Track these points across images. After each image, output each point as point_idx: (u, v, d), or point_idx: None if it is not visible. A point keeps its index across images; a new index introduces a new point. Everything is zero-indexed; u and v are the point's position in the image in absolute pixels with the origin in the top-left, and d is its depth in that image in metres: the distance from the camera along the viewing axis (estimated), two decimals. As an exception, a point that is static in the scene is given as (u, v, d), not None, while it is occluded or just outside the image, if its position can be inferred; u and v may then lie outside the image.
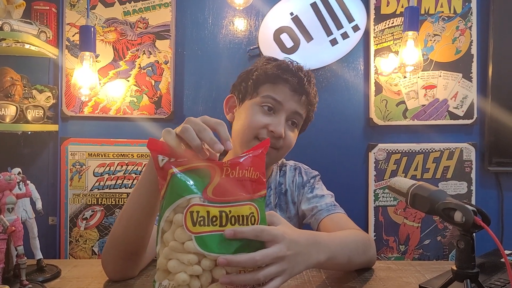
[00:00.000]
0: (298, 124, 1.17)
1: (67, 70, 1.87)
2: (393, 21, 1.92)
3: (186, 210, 0.66)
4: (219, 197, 0.68)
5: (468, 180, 1.92)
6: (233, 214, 0.68)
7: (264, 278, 0.69)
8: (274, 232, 0.71)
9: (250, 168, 0.72)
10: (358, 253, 0.99)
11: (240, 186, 0.70)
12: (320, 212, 1.15)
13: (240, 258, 0.66)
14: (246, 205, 0.70)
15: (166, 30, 1.90)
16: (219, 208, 0.68)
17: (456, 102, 1.92)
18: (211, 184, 0.68)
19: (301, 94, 1.13)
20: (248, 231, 0.68)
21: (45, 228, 1.86)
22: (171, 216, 0.67)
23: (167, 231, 0.68)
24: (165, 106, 1.90)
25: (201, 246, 0.65)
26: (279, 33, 1.88)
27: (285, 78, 1.12)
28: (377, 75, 1.92)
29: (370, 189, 1.93)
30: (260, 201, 0.72)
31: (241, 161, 0.72)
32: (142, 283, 0.95)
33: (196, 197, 0.67)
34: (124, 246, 0.91)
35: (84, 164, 1.86)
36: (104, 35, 1.88)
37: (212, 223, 0.67)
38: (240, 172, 0.70)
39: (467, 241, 0.75)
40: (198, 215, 0.66)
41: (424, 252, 1.93)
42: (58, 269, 1.02)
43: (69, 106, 1.88)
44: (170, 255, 0.67)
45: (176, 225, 0.66)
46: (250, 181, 0.71)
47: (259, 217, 0.71)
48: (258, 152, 0.75)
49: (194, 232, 0.66)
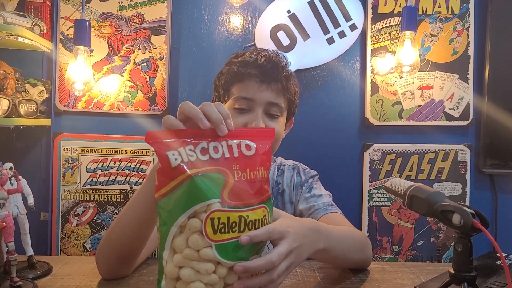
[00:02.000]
0: (280, 113, 1.13)
1: (61, 64, 1.85)
2: (391, 21, 1.91)
3: (207, 217, 0.62)
4: (235, 201, 0.65)
5: (463, 181, 1.92)
6: (250, 219, 0.66)
7: (277, 276, 0.69)
8: (280, 229, 0.71)
9: (260, 168, 0.69)
10: (354, 250, 0.98)
11: (253, 188, 0.67)
12: (317, 211, 1.15)
13: (258, 263, 0.66)
14: (260, 208, 0.68)
15: (162, 25, 1.88)
16: (239, 212, 0.64)
17: (452, 103, 1.92)
18: (226, 187, 0.65)
19: (269, 83, 1.10)
20: (262, 233, 0.67)
21: (36, 224, 1.84)
22: (185, 221, 0.63)
23: (178, 236, 0.64)
24: (159, 103, 1.88)
25: (220, 254, 0.63)
26: (275, 31, 1.87)
27: (249, 73, 1.10)
28: (374, 74, 1.92)
29: (365, 189, 1.93)
30: (269, 201, 0.70)
31: (250, 160, 0.68)
32: (136, 282, 0.95)
33: (216, 202, 0.63)
34: (118, 251, 0.91)
35: (77, 160, 1.84)
36: (99, 30, 1.86)
37: (231, 230, 0.64)
38: (252, 174, 0.68)
39: (465, 244, 0.75)
40: (219, 221, 0.63)
41: (417, 253, 1.93)
42: (49, 266, 1.02)
43: (63, 100, 1.85)
44: (183, 263, 0.63)
45: (191, 231, 0.63)
46: (261, 181, 0.69)
47: (269, 218, 0.70)
48: (265, 149, 0.71)
49: (214, 240, 0.62)
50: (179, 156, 0.64)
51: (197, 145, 0.66)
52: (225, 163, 0.66)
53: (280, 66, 1.12)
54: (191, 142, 0.66)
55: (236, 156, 0.68)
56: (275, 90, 1.11)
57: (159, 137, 0.65)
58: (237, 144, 0.68)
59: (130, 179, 1.86)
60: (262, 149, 0.71)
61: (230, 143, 0.68)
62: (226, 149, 0.67)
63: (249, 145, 0.69)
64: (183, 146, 0.65)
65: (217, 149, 0.67)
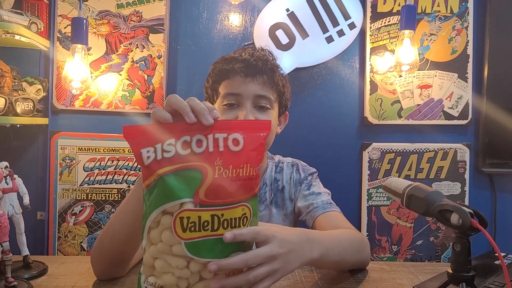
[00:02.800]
0: (270, 106, 1.13)
1: (58, 62, 1.84)
2: (390, 20, 1.90)
3: (176, 216, 0.61)
4: (211, 200, 0.63)
5: (462, 181, 1.91)
6: (225, 218, 0.64)
7: (254, 278, 0.67)
8: (267, 233, 0.69)
9: (245, 165, 0.66)
10: (351, 252, 0.97)
11: (234, 186, 0.64)
12: (316, 210, 1.14)
13: (231, 261, 0.64)
14: (239, 206, 0.65)
15: (160, 24, 1.87)
16: (211, 211, 0.63)
17: (451, 102, 1.91)
18: (203, 185, 0.62)
19: (254, 76, 1.10)
20: (247, 233, 0.66)
21: (33, 223, 1.83)
22: (159, 217, 0.63)
23: (154, 228, 0.64)
24: (157, 101, 1.87)
25: (191, 252, 0.62)
26: (274, 29, 1.86)
27: (233, 68, 1.11)
28: (373, 73, 1.91)
29: (364, 188, 1.92)
30: (253, 200, 0.68)
31: (235, 157, 0.65)
32: (132, 281, 0.94)
33: (188, 201, 0.62)
34: (110, 256, 0.90)
35: (74, 159, 1.83)
36: (96, 28, 1.85)
37: (203, 228, 0.62)
38: (234, 171, 0.65)
39: (464, 243, 0.74)
40: (188, 221, 0.62)
41: (416, 252, 1.92)
42: (45, 265, 1.01)
43: (60, 99, 1.84)
44: (157, 255, 0.64)
45: (164, 226, 0.63)
46: (245, 179, 0.66)
47: (251, 216, 0.68)
48: (257, 143, 0.68)
49: (184, 238, 0.62)
50: (153, 153, 0.62)
51: (179, 138, 0.64)
52: (207, 158, 0.64)
53: (263, 59, 1.13)
54: (173, 135, 0.64)
55: (221, 150, 0.65)
56: (261, 83, 1.11)
57: (136, 133, 0.64)
58: (224, 137, 0.65)
59: (127, 178, 1.85)
60: (252, 144, 0.67)
61: (217, 136, 0.65)
62: (211, 143, 0.64)
63: (237, 140, 0.66)
64: (161, 141, 0.63)
65: (201, 142, 0.64)
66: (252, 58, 1.12)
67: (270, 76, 1.12)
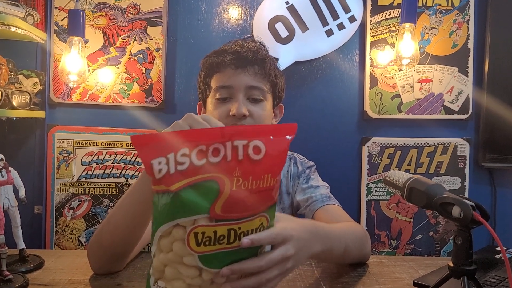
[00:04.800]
0: (263, 97, 1.12)
1: (55, 55, 1.82)
2: (390, 13, 1.88)
3: (190, 231, 0.57)
4: (228, 214, 0.58)
5: (462, 175, 1.90)
6: (242, 231, 0.60)
7: (267, 281, 0.65)
8: (284, 234, 0.67)
9: (267, 176, 0.60)
10: (354, 247, 0.97)
11: (253, 199, 0.59)
12: (315, 203, 1.13)
13: (245, 266, 0.62)
14: (257, 218, 0.61)
15: (158, 16, 1.85)
16: (228, 226, 0.59)
17: (451, 96, 1.90)
18: (220, 199, 0.57)
19: (244, 67, 1.10)
20: (265, 237, 0.63)
21: (30, 217, 1.82)
22: (170, 229, 0.59)
23: (165, 237, 0.60)
24: (156, 95, 1.86)
25: (204, 264, 0.59)
26: (274, 22, 1.84)
27: (224, 61, 1.10)
28: (373, 67, 1.89)
29: (363, 183, 1.91)
30: (272, 208, 0.64)
31: (256, 166, 0.59)
32: (129, 276, 0.93)
33: (203, 217, 0.57)
34: (110, 250, 0.90)
35: (72, 153, 1.82)
36: (94, 20, 1.83)
37: (218, 242, 0.59)
38: (254, 183, 0.59)
39: (465, 237, 0.74)
40: (203, 236, 0.58)
41: (415, 247, 1.92)
42: (41, 259, 1.01)
43: (57, 92, 1.83)
44: (167, 263, 0.60)
45: (175, 238, 0.59)
46: (265, 190, 0.61)
47: (268, 224, 0.64)
48: (280, 149, 0.62)
49: (198, 252, 0.58)
50: (166, 165, 0.57)
51: (194, 147, 0.58)
52: (224, 169, 0.58)
53: (254, 50, 1.12)
54: (187, 144, 0.58)
55: (240, 159, 0.59)
56: (252, 74, 1.11)
57: (145, 141, 0.58)
58: (244, 145, 0.59)
59: (125, 172, 1.84)
60: (274, 151, 0.61)
61: (236, 143, 0.59)
62: (229, 151, 0.59)
63: (258, 147, 0.60)
64: (174, 150, 0.57)
65: (218, 151, 0.58)
66: (243, 49, 1.11)
67: (261, 67, 1.12)
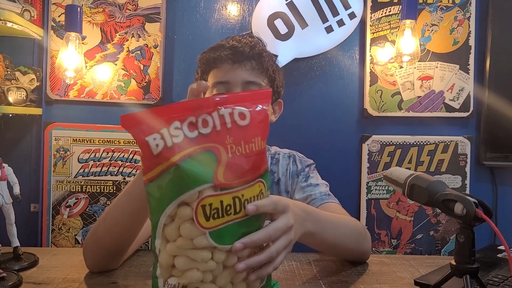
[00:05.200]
0: None
1: (52, 52, 1.80)
2: (390, 10, 1.87)
3: (197, 205, 0.57)
4: (231, 181, 0.59)
5: (463, 174, 1.88)
6: (246, 198, 0.61)
7: (277, 252, 0.66)
8: (284, 203, 0.68)
9: (256, 138, 0.63)
10: (350, 239, 0.96)
11: (250, 163, 0.61)
12: (314, 201, 1.12)
13: (256, 237, 0.62)
14: (256, 183, 0.63)
15: (156, 12, 1.83)
16: (233, 193, 0.59)
17: (452, 94, 1.88)
18: (220, 167, 0.59)
19: (241, 62, 1.09)
20: (268, 204, 0.64)
21: (26, 215, 1.80)
22: (174, 211, 0.58)
23: (168, 225, 0.59)
24: (153, 92, 1.84)
25: (216, 241, 0.58)
26: (273, 19, 1.82)
27: (220, 56, 1.10)
28: (373, 64, 1.88)
29: (363, 181, 1.90)
30: (266, 174, 0.66)
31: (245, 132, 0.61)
32: (125, 274, 0.92)
33: (208, 186, 0.58)
34: (106, 247, 0.89)
35: (69, 150, 1.80)
36: (91, 16, 1.81)
37: (226, 213, 0.59)
38: (247, 147, 0.61)
39: (468, 234, 0.72)
40: (211, 207, 0.58)
41: (416, 246, 1.90)
42: (35, 257, 0.99)
43: (54, 89, 1.81)
44: (177, 252, 0.60)
45: (182, 219, 0.58)
46: (258, 154, 0.63)
47: (266, 191, 0.66)
48: (262, 115, 0.64)
49: (208, 228, 0.58)
50: (161, 140, 0.57)
51: (184, 120, 0.59)
52: (217, 138, 0.60)
53: (251, 45, 1.11)
54: (177, 117, 0.59)
55: (229, 127, 0.61)
56: (250, 69, 1.10)
57: (136, 120, 0.58)
58: (229, 113, 0.61)
59: (123, 170, 1.82)
60: (258, 115, 0.64)
61: (222, 112, 0.61)
62: (217, 121, 0.60)
63: (243, 113, 0.62)
64: (167, 125, 0.58)
65: (207, 122, 0.60)
66: (240, 44, 1.10)
67: (258, 62, 1.11)
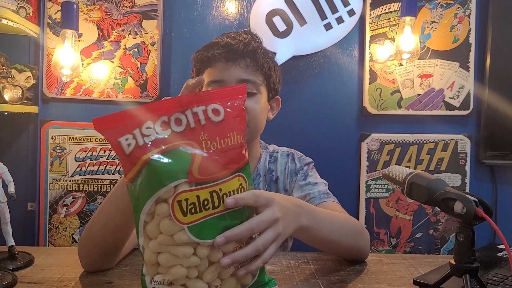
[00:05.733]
0: (257, 90, 1.09)
1: (48, 49, 1.79)
2: (390, 7, 1.85)
3: (173, 200, 0.58)
4: (206, 176, 0.60)
5: (462, 172, 1.87)
6: (224, 192, 0.61)
7: (263, 246, 0.65)
8: (266, 196, 0.68)
9: (232, 133, 0.64)
10: (346, 236, 0.94)
11: (226, 157, 0.63)
12: (312, 200, 1.11)
13: (237, 231, 0.62)
14: (235, 177, 0.63)
15: (154, 10, 1.82)
16: (209, 188, 0.60)
17: (452, 92, 1.87)
18: (194, 163, 0.60)
19: (235, 60, 1.07)
20: (248, 197, 0.64)
21: (23, 215, 1.79)
22: (153, 208, 0.59)
23: (149, 222, 0.60)
24: (151, 90, 1.82)
25: (196, 236, 0.59)
26: (271, 16, 1.81)
27: (214, 55, 1.07)
28: (372, 62, 1.86)
29: (362, 180, 1.88)
30: (246, 168, 0.66)
31: (219, 127, 0.63)
32: (121, 273, 0.91)
33: (183, 182, 0.59)
34: (101, 245, 0.87)
35: (65, 149, 1.79)
36: (88, 14, 1.80)
37: (204, 208, 0.60)
38: (223, 142, 0.63)
39: (467, 233, 0.71)
40: (187, 202, 0.58)
41: (415, 245, 1.89)
42: (31, 256, 0.98)
43: (50, 87, 1.79)
44: (159, 249, 0.60)
45: (160, 216, 0.59)
46: (235, 148, 0.64)
47: (247, 185, 0.66)
48: (237, 110, 0.66)
49: (186, 223, 0.58)
50: (133, 139, 0.59)
51: (156, 120, 0.61)
52: (191, 135, 0.62)
53: (245, 42, 1.09)
54: (149, 118, 0.61)
55: (203, 124, 0.63)
56: (244, 67, 1.08)
57: (108, 123, 0.60)
58: (203, 110, 0.63)
59: (120, 169, 1.81)
60: (233, 111, 0.65)
61: (195, 110, 0.63)
62: (191, 118, 0.62)
63: (217, 110, 0.64)
64: (138, 126, 0.60)
65: (180, 120, 0.62)
66: (234, 41, 1.08)
67: (253, 59, 1.09)
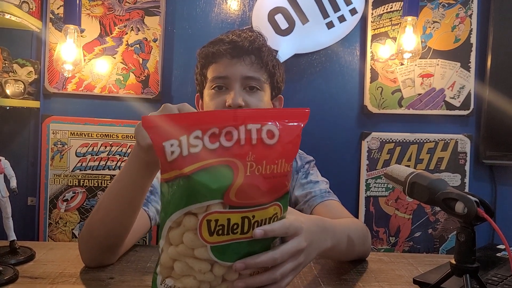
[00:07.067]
0: (260, 87, 1.10)
1: (50, 44, 1.79)
2: (392, 6, 1.85)
3: (203, 218, 0.56)
4: (242, 200, 0.57)
5: (462, 172, 1.88)
6: (256, 219, 0.58)
7: (281, 275, 0.63)
8: (296, 225, 0.65)
9: (280, 161, 0.59)
10: (358, 243, 0.95)
11: (268, 185, 0.58)
12: (314, 199, 1.11)
13: (259, 260, 0.60)
14: (271, 206, 0.60)
15: (156, 6, 1.82)
16: (242, 213, 0.57)
17: (453, 92, 1.87)
18: (234, 185, 0.56)
19: (240, 57, 1.08)
20: (279, 228, 0.62)
21: (23, 209, 1.79)
22: (181, 218, 0.57)
23: (174, 228, 0.58)
24: (152, 86, 1.82)
25: (217, 256, 0.57)
26: (273, 14, 1.81)
27: (219, 51, 1.08)
28: (374, 61, 1.86)
29: (362, 178, 1.89)
30: (285, 197, 0.62)
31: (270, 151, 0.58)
32: (122, 269, 0.91)
33: (217, 203, 0.56)
34: (102, 239, 0.87)
35: (66, 144, 1.79)
36: (90, 9, 1.80)
37: (232, 232, 0.57)
38: (268, 168, 0.58)
39: (468, 233, 0.72)
40: (216, 223, 0.56)
41: (414, 244, 1.89)
42: (32, 251, 0.98)
43: (52, 82, 1.79)
44: (177, 257, 0.59)
45: (186, 228, 0.57)
46: (279, 176, 0.59)
47: (281, 214, 0.63)
48: (293, 135, 0.62)
49: (210, 242, 0.57)
50: (178, 147, 0.56)
51: (207, 130, 0.57)
52: (237, 153, 0.57)
53: (251, 39, 1.10)
54: (200, 127, 0.57)
55: (254, 143, 0.58)
56: (249, 63, 1.08)
57: (157, 122, 0.57)
58: (257, 129, 0.58)
59: (121, 164, 1.81)
60: (288, 136, 0.61)
61: (249, 127, 0.58)
62: (243, 135, 0.58)
63: (272, 132, 0.59)
64: (187, 133, 0.56)
65: (231, 135, 0.57)
66: (239, 39, 1.09)
67: (258, 56, 1.09)
